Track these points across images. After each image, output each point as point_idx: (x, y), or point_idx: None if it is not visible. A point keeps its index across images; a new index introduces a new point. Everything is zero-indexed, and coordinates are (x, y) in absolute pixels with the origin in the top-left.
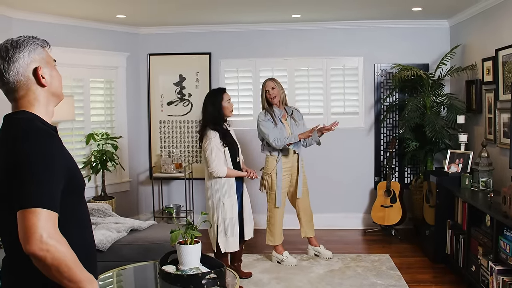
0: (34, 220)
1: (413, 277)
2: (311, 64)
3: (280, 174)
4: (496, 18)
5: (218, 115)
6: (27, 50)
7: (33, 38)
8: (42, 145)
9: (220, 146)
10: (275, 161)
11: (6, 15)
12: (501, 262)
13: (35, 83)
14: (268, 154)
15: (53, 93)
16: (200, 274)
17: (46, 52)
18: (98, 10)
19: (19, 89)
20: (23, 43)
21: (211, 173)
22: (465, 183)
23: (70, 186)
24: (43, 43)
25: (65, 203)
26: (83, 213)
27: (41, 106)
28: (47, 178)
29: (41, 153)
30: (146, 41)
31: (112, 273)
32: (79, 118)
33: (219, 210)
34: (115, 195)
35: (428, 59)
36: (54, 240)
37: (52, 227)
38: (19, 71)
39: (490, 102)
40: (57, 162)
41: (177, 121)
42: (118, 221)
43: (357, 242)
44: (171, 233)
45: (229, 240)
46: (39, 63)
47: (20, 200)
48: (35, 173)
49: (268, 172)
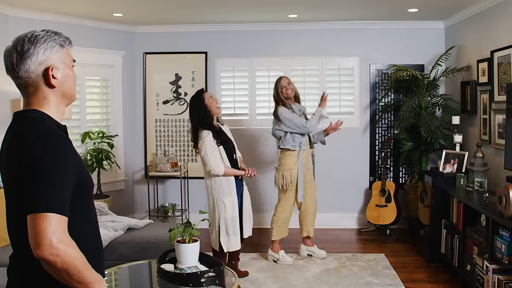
0: (44, 225)
1: (409, 276)
2: (307, 64)
3: (301, 168)
4: (492, 20)
5: (204, 116)
6: (43, 47)
7: (55, 35)
8: (54, 148)
9: (214, 144)
10: (296, 156)
11: (2, 13)
12: (496, 261)
13: (44, 82)
14: (289, 149)
15: (64, 93)
16: (199, 272)
17: (65, 52)
18: (94, 8)
19: (29, 86)
20: (41, 40)
21: (210, 172)
22: (460, 183)
23: (81, 188)
24: (64, 41)
25: (75, 204)
26: (92, 213)
27: (51, 106)
28: (58, 182)
29: (53, 155)
30: (142, 40)
31: (108, 272)
32: (75, 116)
33: (220, 210)
34: (111, 193)
35: (424, 60)
36: (64, 245)
37: (62, 232)
38: (30, 67)
39: (485, 103)
40: (69, 164)
41: (173, 120)
42: (115, 220)
43: (352, 241)
44: (170, 231)
45: (231, 239)
46: (53, 62)
47: (30, 204)
48: (46, 176)
49: (289, 167)
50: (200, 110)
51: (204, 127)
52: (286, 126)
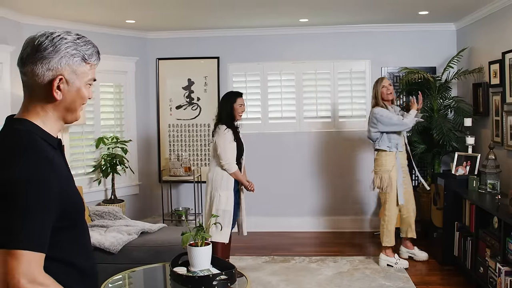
0: (13, 264)
1: (422, 279)
2: (319, 68)
3: (400, 170)
4: (503, 21)
5: (230, 114)
6: (61, 54)
7: (84, 45)
8: (33, 169)
9: (233, 141)
10: (394, 158)
11: (15, 20)
12: (508, 263)
13: (46, 91)
14: (386, 150)
15: (67, 109)
16: (211, 275)
17: (86, 67)
18: (107, 15)
19: (30, 88)
20: (64, 45)
21: (223, 165)
22: (473, 186)
23: (71, 213)
24: (90, 56)
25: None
26: (86, 233)
27: (48, 118)
28: (35, 211)
29: (32, 180)
30: (155, 46)
31: (122, 275)
32: (89, 122)
33: (215, 201)
34: (125, 198)
35: (435, 62)
36: (35, 285)
37: (34, 271)
38: (37, 70)
39: (497, 105)
40: (51, 190)
41: (186, 125)
42: (129, 224)
43: (366, 244)
44: (182, 235)
45: (219, 231)
46: (65, 73)
47: (1, 237)
48: (21, 206)
49: (386, 169)
50: (228, 108)
51: (226, 122)
52: (383, 125)
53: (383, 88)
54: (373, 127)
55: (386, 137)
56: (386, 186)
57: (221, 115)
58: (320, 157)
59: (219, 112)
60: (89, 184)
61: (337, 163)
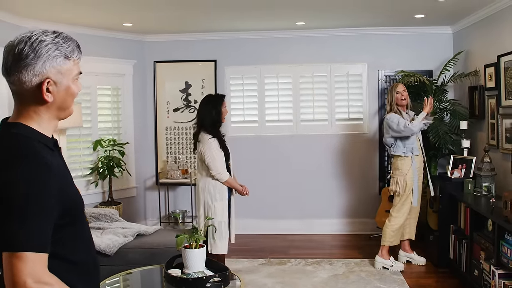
0: (19, 266)
1: (417, 281)
2: (316, 71)
3: (415, 173)
4: (498, 25)
5: (217, 120)
6: (43, 58)
7: (63, 43)
8: (34, 173)
9: (219, 149)
10: (409, 162)
11: (14, 23)
12: (502, 266)
13: (37, 95)
14: (402, 155)
15: (59, 107)
16: (204, 277)
17: (70, 64)
18: (105, 18)
19: (20, 95)
20: (44, 48)
21: (213, 176)
22: (468, 188)
23: (72, 212)
24: (71, 52)
25: (70, 229)
26: (86, 230)
27: (42, 121)
28: (37, 213)
29: (32, 183)
30: (152, 49)
31: (118, 277)
32: (87, 124)
33: (210, 213)
34: (122, 200)
35: (432, 65)
36: (40, 284)
37: (39, 270)
38: (24, 78)
39: (493, 108)
40: (51, 191)
41: (183, 128)
42: (125, 226)
43: (361, 247)
44: (177, 237)
45: (217, 243)
46: (52, 75)
47: (5, 241)
48: (23, 208)
49: (402, 172)
50: (213, 113)
51: (210, 130)
52: (392, 130)
53: (397, 94)
54: (387, 132)
55: (400, 142)
56: (402, 189)
57: (203, 121)
58: (317, 160)
59: (201, 118)
60: (86, 186)
61: (334, 166)
